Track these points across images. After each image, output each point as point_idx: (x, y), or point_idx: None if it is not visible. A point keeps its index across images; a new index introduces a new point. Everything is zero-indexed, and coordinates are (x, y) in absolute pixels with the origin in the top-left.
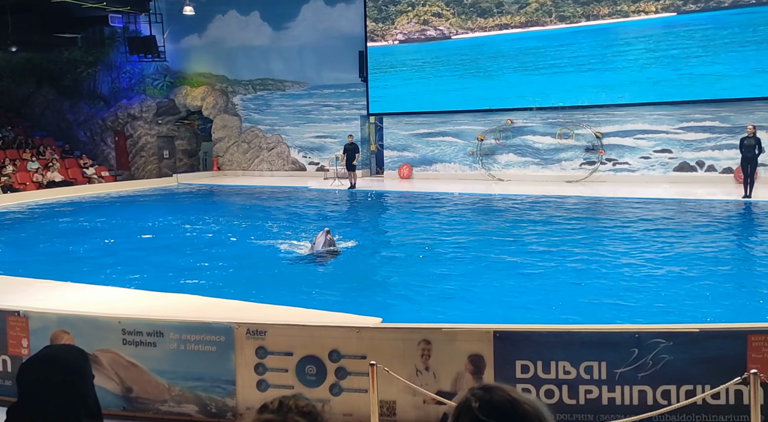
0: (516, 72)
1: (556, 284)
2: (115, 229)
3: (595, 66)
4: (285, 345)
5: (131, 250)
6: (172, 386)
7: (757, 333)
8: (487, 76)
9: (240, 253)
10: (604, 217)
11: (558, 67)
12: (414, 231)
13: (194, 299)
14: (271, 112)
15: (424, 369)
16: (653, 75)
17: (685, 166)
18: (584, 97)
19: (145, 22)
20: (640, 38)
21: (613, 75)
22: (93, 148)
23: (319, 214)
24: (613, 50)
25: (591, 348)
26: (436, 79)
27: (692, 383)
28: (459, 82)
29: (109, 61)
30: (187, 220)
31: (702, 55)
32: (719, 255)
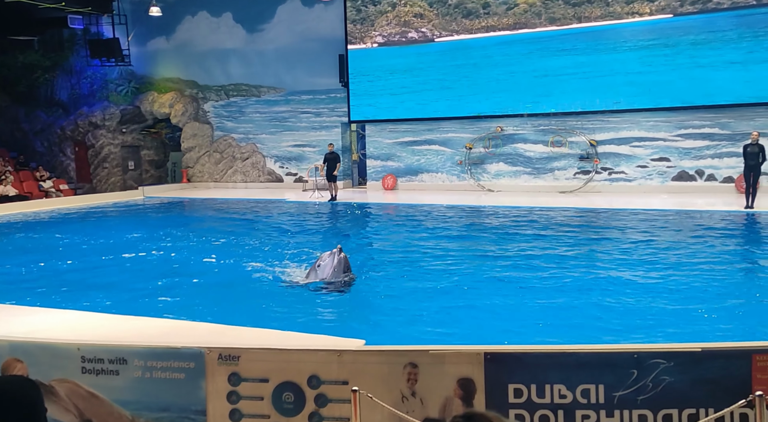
0: (504, 76)
1: (550, 301)
2: (74, 247)
3: (588, 70)
4: (260, 371)
5: (91, 270)
6: (136, 418)
7: (762, 353)
8: (474, 82)
9: (211, 272)
10: (601, 230)
11: (549, 71)
12: (399, 246)
13: (161, 322)
14: (245, 120)
15: (411, 394)
16: (649, 79)
17: (684, 175)
18: (577, 103)
19: (107, 23)
20: (634, 41)
21: (607, 79)
22: (51, 159)
23: (299, 228)
24: (606, 53)
25: (588, 370)
26: (420, 85)
27: (695, 406)
28: (443, 91)
29: (68, 65)
30: (153, 237)
31: (700, 57)
32: (721, 269)
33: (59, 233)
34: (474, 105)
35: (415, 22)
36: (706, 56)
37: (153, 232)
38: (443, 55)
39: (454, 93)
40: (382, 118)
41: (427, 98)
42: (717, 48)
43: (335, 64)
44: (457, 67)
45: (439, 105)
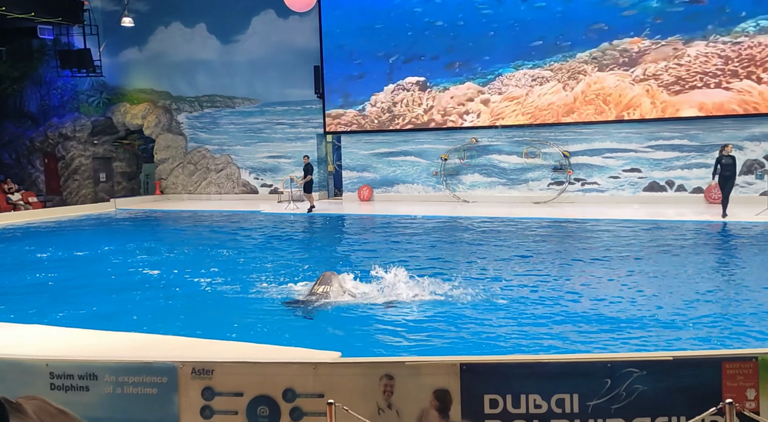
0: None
1: (524, 311)
2: (44, 261)
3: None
4: (234, 385)
5: (61, 284)
6: None
7: (731, 361)
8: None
9: (183, 286)
10: (574, 240)
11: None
12: (374, 256)
13: (132, 337)
14: (219, 131)
15: (387, 406)
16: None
17: (654, 185)
18: (550, 114)
19: (78, 34)
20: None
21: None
22: (19, 171)
23: (274, 240)
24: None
25: (562, 380)
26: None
27: (667, 414)
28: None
29: (37, 76)
30: (125, 250)
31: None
32: (693, 278)
33: (28, 246)
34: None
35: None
36: (672, 66)
37: (125, 245)
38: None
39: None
40: (357, 129)
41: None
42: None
43: (310, 75)
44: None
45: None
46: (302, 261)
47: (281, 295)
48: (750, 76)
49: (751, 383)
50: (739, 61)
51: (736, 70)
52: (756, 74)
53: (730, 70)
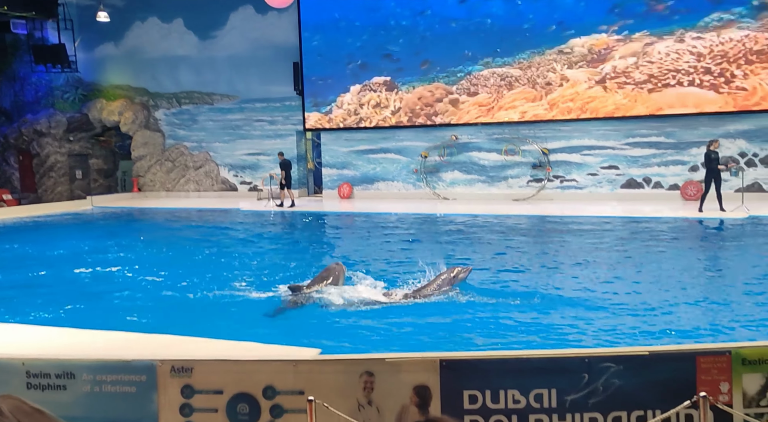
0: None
1: (504, 307)
2: (19, 259)
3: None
4: (214, 383)
5: (37, 282)
6: None
7: (705, 355)
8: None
9: (162, 283)
10: (553, 237)
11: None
12: (354, 253)
13: (110, 335)
14: (197, 128)
15: (367, 403)
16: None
17: (632, 182)
18: (530, 112)
19: (53, 28)
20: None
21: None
22: None
23: (253, 238)
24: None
25: (541, 375)
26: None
27: (643, 408)
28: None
29: (11, 71)
30: (102, 248)
31: (643, 65)
32: (670, 274)
33: (3, 245)
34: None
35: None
36: (646, 64)
37: (102, 243)
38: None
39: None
40: (337, 126)
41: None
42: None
43: (289, 71)
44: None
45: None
46: (282, 259)
47: (261, 293)
48: (724, 73)
49: (725, 376)
50: (712, 58)
51: (708, 67)
52: (730, 71)
53: (702, 68)
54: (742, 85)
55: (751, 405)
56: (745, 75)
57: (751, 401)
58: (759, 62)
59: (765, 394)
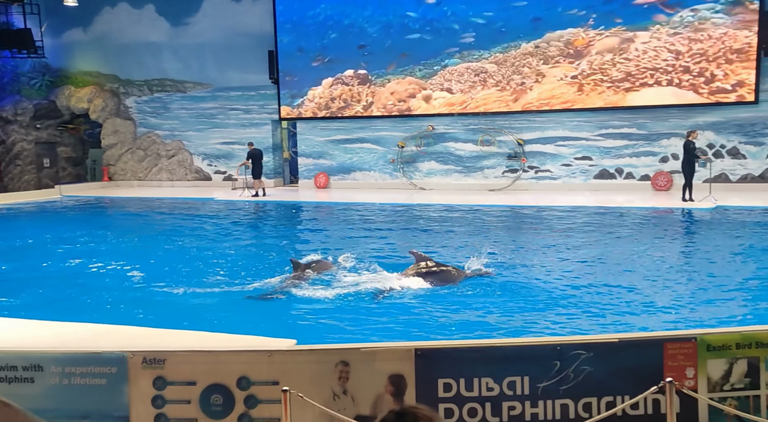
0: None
1: (478, 296)
2: None
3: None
4: (187, 374)
5: (3, 274)
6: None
7: (672, 341)
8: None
9: (133, 274)
10: (528, 227)
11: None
12: (329, 244)
13: (80, 327)
14: (170, 116)
15: (342, 392)
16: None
17: (604, 173)
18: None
19: (18, 13)
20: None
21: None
22: None
23: (228, 228)
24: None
25: (513, 363)
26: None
27: (612, 394)
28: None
29: None
30: (70, 238)
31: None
32: (639, 262)
33: None
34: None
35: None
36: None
37: (71, 233)
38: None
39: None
40: (313, 115)
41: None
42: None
43: (264, 60)
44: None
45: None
46: (257, 250)
47: (235, 284)
48: (703, 72)
49: (691, 362)
50: (691, 56)
51: (687, 67)
52: (710, 70)
53: (681, 67)
54: (723, 85)
55: (715, 389)
56: (726, 75)
57: (716, 386)
58: (739, 61)
59: (728, 379)
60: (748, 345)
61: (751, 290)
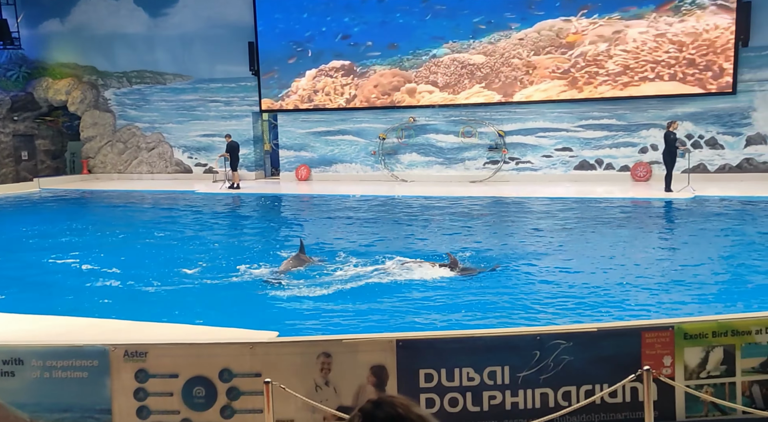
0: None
1: (459, 287)
2: None
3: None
4: (169, 367)
5: None
6: (34, 420)
7: (650, 330)
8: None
9: (114, 268)
10: (509, 218)
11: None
12: (312, 236)
13: (61, 320)
14: (150, 108)
15: (324, 383)
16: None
17: (585, 164)
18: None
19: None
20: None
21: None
22: None
23: (206, 220)
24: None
25: (494, 353)
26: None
27: (591, 382)
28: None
29: None
30: (50, 231)
31: None
32: (619, 252)
33: None
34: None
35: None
36: None
37: (50, 227)
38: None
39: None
40: (295, 107)
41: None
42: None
43: (245, 51)
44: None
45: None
46: (238, 242)
47: (217, 277)
48: (711, 66)
49: (668, 351)
50: (696, 49)
51: (693, 59)
52: (717, 64)
53: (686, 59)
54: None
55: (692, 377)
56: (706, 65)
57: (692, 373)
58: (718, 52)
59: (705, 367)
60: (724, 333)
61: (727, 279)
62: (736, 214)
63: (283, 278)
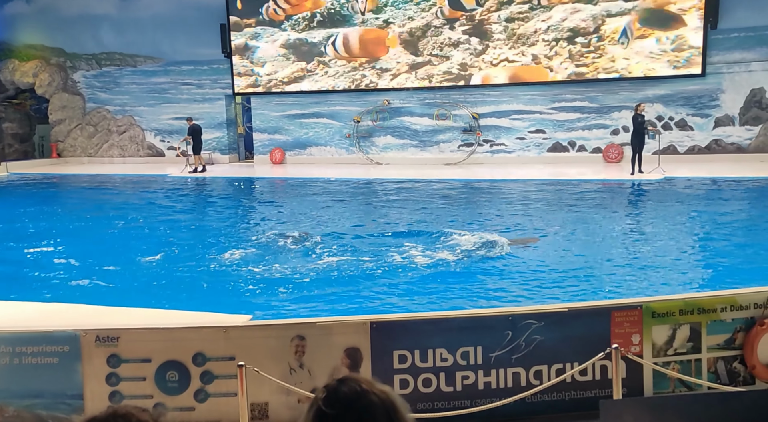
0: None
1: (432, 269)
2: None
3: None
4: (142, 351)
5: None
6: (4, 406)
7: (619, 310)
8: None
9: (84, 252)
10: (483, 200)
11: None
12: (285, 220)
13: (31, 306)
14: (120, 91)
15: (299, 366)
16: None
17: (558, 146)
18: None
19: None
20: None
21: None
22: None
23: (179, 204)
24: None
25: (467, 334)
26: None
27: (562, 361)
28: None
29: None
30: (18, 216)
31: None
32: (590, 232)
33: None
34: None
35: None
36: None
37: (18, 211)
38: None
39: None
40: (268, 90)
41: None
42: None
43: (217, 33)
44: None
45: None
46: (211, 226)
47: (189, 261)
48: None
49: (636, 329)
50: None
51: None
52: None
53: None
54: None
55: (660, 354)
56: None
57: (660, 351)
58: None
59: (672, 344)
60: (690, 311)
61: (695, 258)
62: (704, 195)
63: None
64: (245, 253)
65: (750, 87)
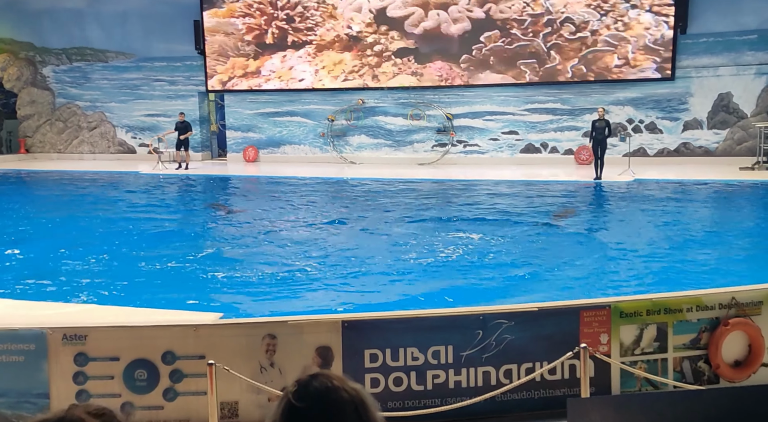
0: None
1: (404, 268)
2: None
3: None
4: (110, 350)
5: None
6: None
7: (588, 309)
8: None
9: (52, 249)
10: (456, 200)
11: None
12: (257, 219)
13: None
14: (91, 87)
15: (269, 365)
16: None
17: (530, 147)
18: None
19: None
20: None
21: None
22: None
23: (149, 202)
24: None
25: (438, 333)
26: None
27: (532, 360)
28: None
29: None
30: None
31: None
32: (560, 234)
33: None
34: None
35: None
36: None
37: None
38: None
39: None
40: (242, 87)
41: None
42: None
43: (190, 29)
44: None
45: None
46: (181, 224)
47: (160, 259)
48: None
49: (605, 328)
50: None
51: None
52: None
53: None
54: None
55: (627, 353)
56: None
57: (627, 350)
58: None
59: (639, 344)
60: (657, 311)
61: (662, 258)
62: (673, 196)
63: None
64: (216, 251)
65: (718, 91)
